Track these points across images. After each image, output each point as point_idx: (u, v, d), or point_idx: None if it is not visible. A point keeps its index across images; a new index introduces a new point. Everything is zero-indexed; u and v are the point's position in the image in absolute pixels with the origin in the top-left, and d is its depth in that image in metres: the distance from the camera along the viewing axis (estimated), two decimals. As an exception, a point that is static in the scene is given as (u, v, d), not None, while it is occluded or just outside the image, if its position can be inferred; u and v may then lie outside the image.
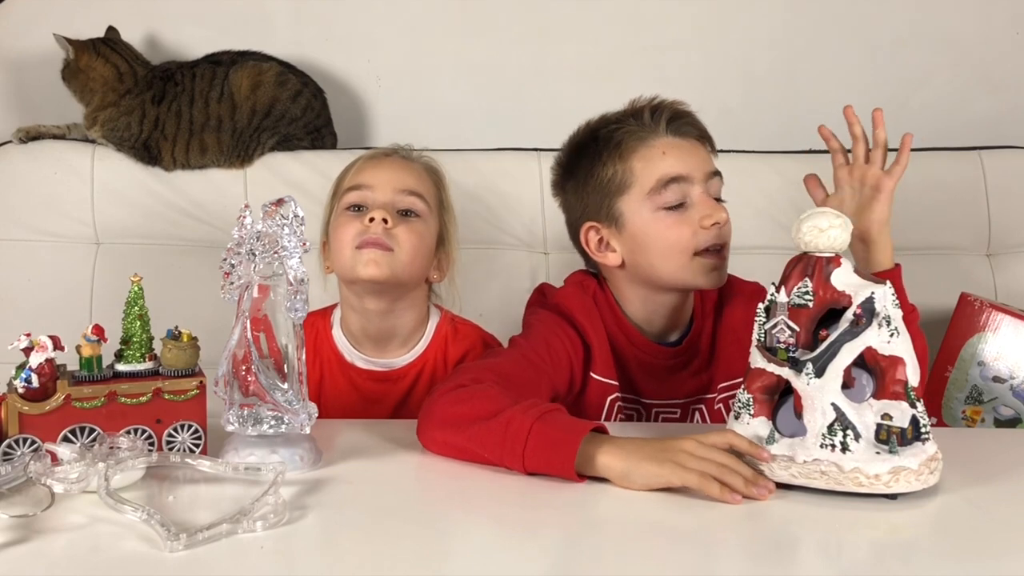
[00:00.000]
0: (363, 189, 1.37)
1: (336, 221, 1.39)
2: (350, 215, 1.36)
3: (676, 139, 1.29)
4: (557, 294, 1.35)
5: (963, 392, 1.58)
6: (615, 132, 1.30)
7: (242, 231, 1.03)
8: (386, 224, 1.32)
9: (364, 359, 1.41)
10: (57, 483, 0.92)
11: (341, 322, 1.43)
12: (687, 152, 1.29)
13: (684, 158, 1.28)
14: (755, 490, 0.96)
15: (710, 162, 1.31)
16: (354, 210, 1.37)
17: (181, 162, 1.77)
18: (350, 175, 1.42)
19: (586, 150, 1.33)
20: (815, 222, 1.00)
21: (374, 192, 1.36)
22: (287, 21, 1.92)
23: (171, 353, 1.05)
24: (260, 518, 0.88)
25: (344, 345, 1.42)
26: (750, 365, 1.03)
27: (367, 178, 1.38)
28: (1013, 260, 1.83)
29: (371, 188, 1.37)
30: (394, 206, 1.36)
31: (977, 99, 1.99)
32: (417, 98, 1.94)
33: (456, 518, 0.95)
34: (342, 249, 1.35)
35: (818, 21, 1.97)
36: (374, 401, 1.40)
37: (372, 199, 1.36)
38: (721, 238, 1.27)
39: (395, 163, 1.42)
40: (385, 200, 1.35)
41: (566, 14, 1.94)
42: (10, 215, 1.75)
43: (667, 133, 1.29)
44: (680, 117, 1.31)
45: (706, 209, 1.26)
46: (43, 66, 1.82)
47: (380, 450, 1.12)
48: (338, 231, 1.37)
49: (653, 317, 1.33)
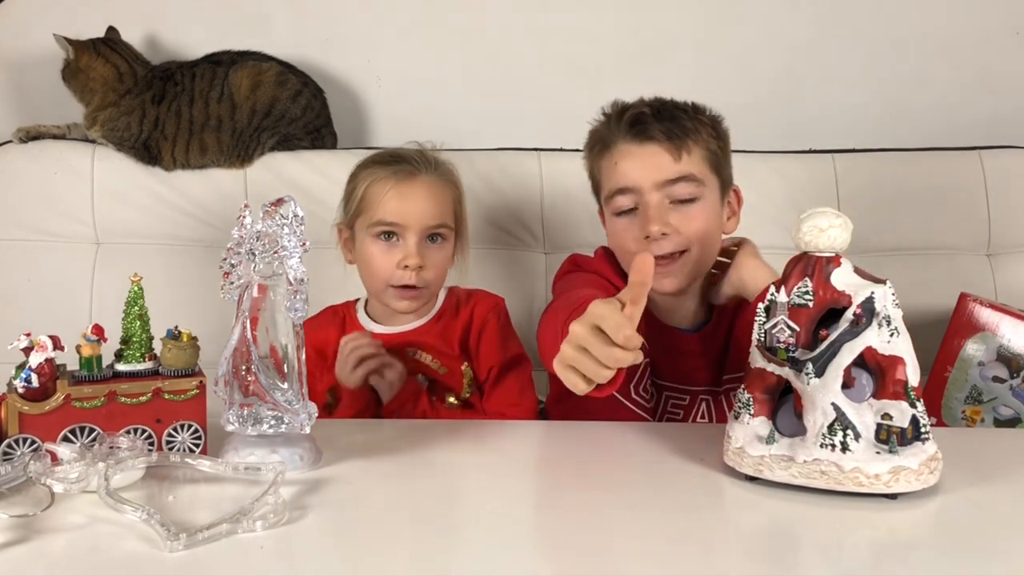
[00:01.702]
0: (396, 226, 1.41)
1: (366, 245, 1.42)
2: (381, 244, 1.42)
3: (634, 145, 1.29)
4: (591, 261, 1.39)
5: (963, 392, 1.58)
6: (591, 134, 1.36)
7: (242, 231, 1.03)
8: (420, 268, 1.39)
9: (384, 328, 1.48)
10: (57, 483, 0.92)
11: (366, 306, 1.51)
12: (641, 160, 1.29)
13: (636, 167, 1.29)
14: (613, 361, 0.90)
15: (669, 168, 1.28)
16: (384, 237, 1.41)
17: (181, 162, 1.77)
18: (378, 204, 1.41)
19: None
20: (815, 222, 1.00)
21: (407, 230, 1.40)
22: (287, 21, 1.92)
23: (171, 353, 1.05)
24: (260, 518, 0.88)
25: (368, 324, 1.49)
26: (750, 365, 1.03)
27: (399, 213, 1.40)
28: (1013, 260, 1.83)
29: (404, 227, 1.40)
30: (424, 236, 1.41)
31: (977, 99, 1.99)
32: (417, 98, 1.95)
33: (456, 518, 0.95)
34: (373, 279, 1.43)
35: (818, 21, 1.97)
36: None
37: (403, 234, 1.41)
38: (662, 249, 1.27)
39: (425, 190, 1.43)
40: (416, 239, 1.40)
41: (566, 14, 1.95)
42: (10, 215, 1.75)
43: (628, 138, 1.29)
44: (641, 121, 1.29)
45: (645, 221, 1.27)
46: (43, 66, 1.83)
47: (380, 450, 1.12)
48: (371, 260, 1.42)
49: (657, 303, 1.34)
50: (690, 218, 1.28)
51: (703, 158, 1.31)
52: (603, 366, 0.90)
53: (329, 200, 1.56)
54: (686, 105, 1.34)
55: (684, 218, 1.28)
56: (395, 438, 1.16)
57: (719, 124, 1.36)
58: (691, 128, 1.30)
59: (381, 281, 1.41)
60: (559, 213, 1.78)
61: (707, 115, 1.35)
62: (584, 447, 1.15)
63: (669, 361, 1.35)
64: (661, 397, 1.36)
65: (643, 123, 1.29)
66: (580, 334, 0.91)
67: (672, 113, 1.31)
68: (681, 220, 1.28)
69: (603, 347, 0.89)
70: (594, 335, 0.90)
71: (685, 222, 1.28)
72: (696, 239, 1.29)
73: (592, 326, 0.90)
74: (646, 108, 1.30)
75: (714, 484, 1.01)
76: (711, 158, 1.32)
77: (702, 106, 1.36)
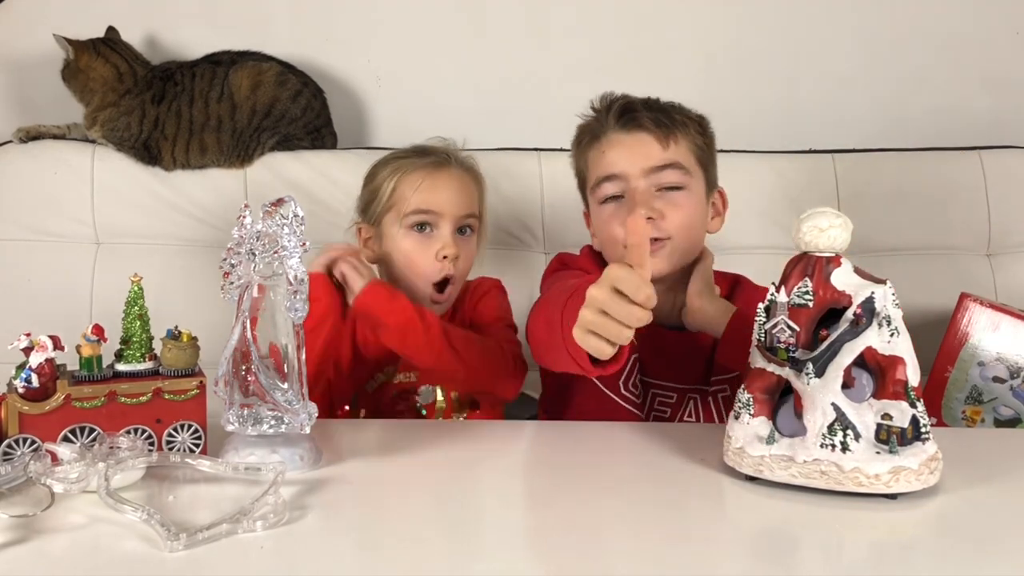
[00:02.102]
0: (431, 214, 1.41)
1: (399, 239, 1.42)
2: (416, 236, 1.41)
3: (622, 134, 1.32)
4: (577, 259, 1.41)
5: (963, 392, 1.58)
6: (579, 128, 1.39)
7: (242, 231, 1.03)
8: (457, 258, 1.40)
9: None
10: (57, 483, 0.92)
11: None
12: (629, 148, 1.31)
13: (624, 154, 1.31)
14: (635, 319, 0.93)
15: (656, 156, 1.30)
16: (418, 228, 1.41)
17: (181, 162, 1.77)
18: (414, 194, 1.41)
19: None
20: (815, 222, 1.00)
21: (442, 219, 1.41)
22: (287, 21, 1.92)
23: (171, 353, 1.05)
24: (260, 518, 0.88)
25: None
26: (750, 365, 1.03)
27: (434, 202, 1.41)
28: (1013, 260, 1.83)
29: (439, 215, 1.41)
30: (456, 225, 1.42)
31: (977, 99, 1.99)
32: (417, 98, 1.95)
33: (456, 518, 0.95)
34: (414, 276, 1.41)
35: (818, 21, 1.97)
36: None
37: (438, 223, 1.41)
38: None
39: (456, 182, 1.44)
40: (451, 230, 1.41)
41: (566, 14, 1.95)
42: (10, 215, 1.75)
43: (616, 128, 1.32)
44: (631, 110, 1.32)
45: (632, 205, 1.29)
46: (43, 66, 1.83)
47: (380, 450, 1.12)
48: (409, 254, 1.41)
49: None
50: (676, 206, 1.30)
51: (689, 150, 1.33)
52: (625, 326, 0.93)
53: (329, 200, 1.56)
54: (673, 104, 1.37)
55: (670, 205, 1.29)
56: (395, 438, 1.16)
57: (705, 124, 1.38)
58: (679, 120, 1.33)
59: (422, 278, 1.40)
60: (559, 213, 1.78)
61: (693, 115, 1.37)
62: (583, 447, 1.15)
63: (656, 358, 1.35)
64: (648, 395, 1.36)
65: (632, 111, 1.31)
66: (599, 297, 0.93)
67: (660, 106, 1.34)
68: (666, 207, 1.29)
69: (624, 306, 0.92)
70: (613, 296, 0.92)
71: (670, 209, 1.29)
72: (679, 229, 1.30)
73: (611, 288, 0.92)
74: (634, 99, 1.34)
75: (714, 484, 1.01)
76: (697, 152, 1.34)
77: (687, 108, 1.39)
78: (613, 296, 0.92)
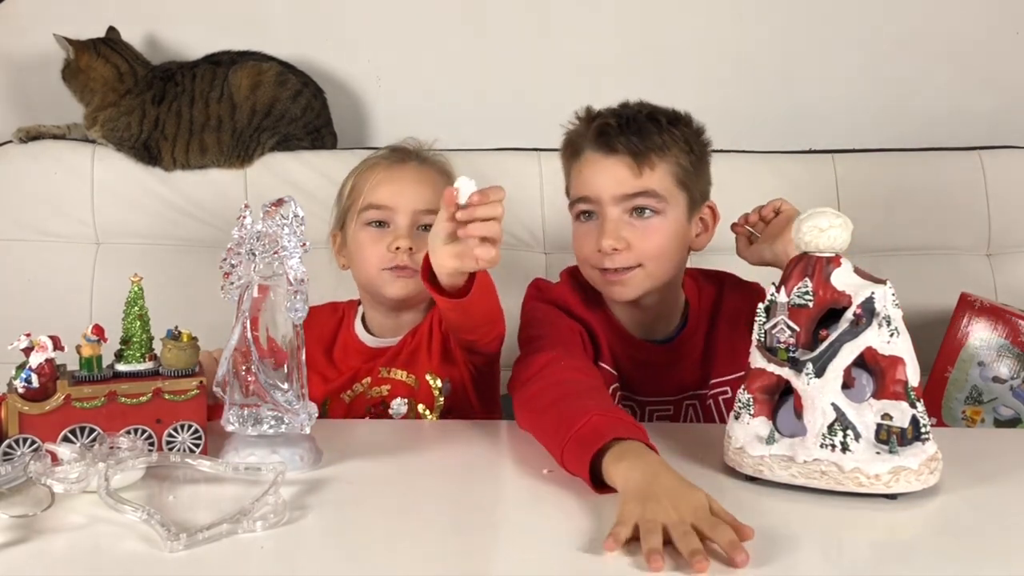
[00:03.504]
0: (384, 210, 1.39)
1: (357, 235, 1.41)
2: (372, 232, 1.39)
3: (598, 155, 1.28)
4: (553, 289, 1.36)
5: (963, 392, 1.58)
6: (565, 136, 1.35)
7: (242, 231, 1.03)
8: (411, 250, 1.36)
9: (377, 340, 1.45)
10: (57, 483, 0.92)
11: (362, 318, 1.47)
12: (603, 172, 1.27)
13: (598, 178, 1.27)
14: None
15: (628, 184, 1.26)
16: (375, 225, 1.39)
17: (181, 162, 1.77)
18: (368, 189, 1.41)
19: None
20: (815, 222, 1.00)
21: (395, 213, 1.38)
22: (287, 21, 1.92)
23: (171, 353, 1.05)
24: (260, 518, 0.88)
25: (362, 334, 1.46)
26: (750, 365, 1.03)
27: (387, 198, 1.39)
28: (1013, 260, 1.83)
29: (392, 210, 1.38)
30: (415, 223, 1.38)
31: (977, 99, 1.99)
32: (417, 98, 1.94)
33: (455, 518, 0.95)
34: (366, 267, 1.39)
35: (818, 21, 1.97)
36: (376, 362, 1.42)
37: (393, 219, 1.38)
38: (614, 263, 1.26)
39: (413, 176, 1.41)
40: (407, 223, 1.38)
41: (566, 14, 1.94)
42: (10, 215, 1.75)
43: (594, 147, 1.28)
44: (606, 132, 1.27)
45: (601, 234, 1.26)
46: (43, 66, 1.83)
47: (380, 450, 1.12)
48: (362, 249, 1.40)
49: (631, 314, 1.34)
50: (647, 234, 1.27)
51: (669, 173, 1.28)
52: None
53: (329, 200, 1.55)
54: (663, 115, 1.30)
55: (640, 234, 1.26)
56: (395, 438, 1.17)
57: (697, 137, 1.32)
58: (658, 144, 1.27)
59: (372, 267, 1.37)
60: (559, 213, 1.77)
61: (684, 128, 1.30)
62: (584, 447, 1.15)
63: (646, 375, 1.33)
64: (644, 412, 1.35)
65: (607, 135, 1.27)
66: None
67: (641, 126, 1.27)
68: (637, 235, 1.26)
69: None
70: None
71: (641, 238, 1.26)
72: (651, 256, 1.27)
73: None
74: (612, 120, 1.28)
75: (714, 484, 1.01)
76: (679, 174, 1.29)
77: (683, 116, 1.33)
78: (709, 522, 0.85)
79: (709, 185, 1.36)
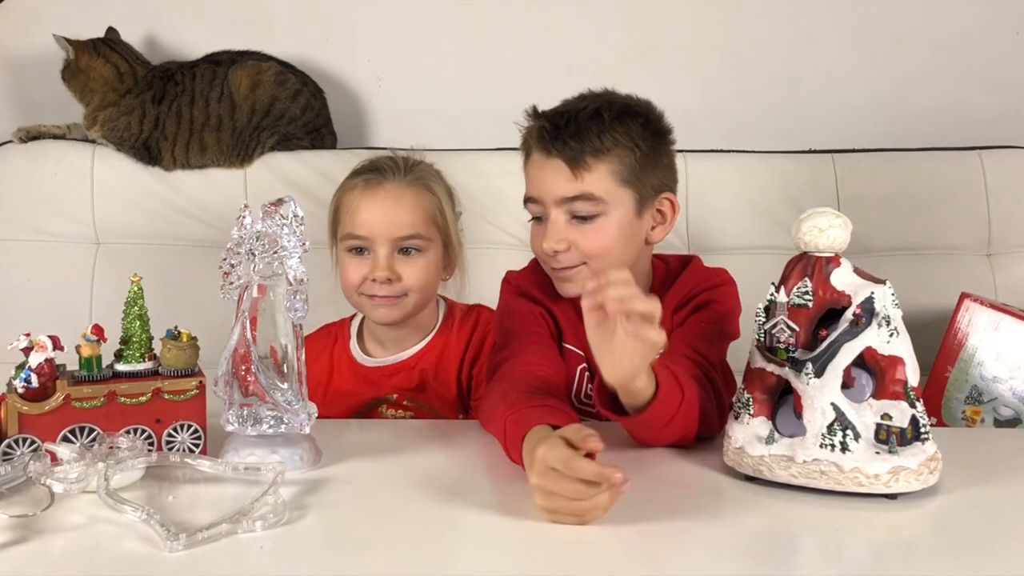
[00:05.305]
0: (361, 239, 1.38)
1: (341, 257, 1.42)
2: (353, 258, 1.39)
3: (542, 156, 1.27)
4: (519, 277, 1.38)
5: (963, 392, 1.58)
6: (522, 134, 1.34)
7: (242, 231, 1.03)
8: (389, 281, 1.36)
9: (375, 360, 1.44)
10: (57, 483, 0.92)
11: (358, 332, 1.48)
12: (544, 174, 1.27)
13: (540, 180, 1.27)
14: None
15: (566, 187, 1.25)
16: (355, 252, 1.39)
17: (181, 162, 1.77)
18: (346, 217, 1.39)
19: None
20: (815, 222, 1.00)
21: (374, 242, 1.37)
22: (287, 21, 1.92)
23: (171, 353, 1.05)
24: (260, 518, 0.88)
25: (357, 352, 1.46)
26: (750, 365, 1.03)
27: (364, 227, 1.37)
28: (1013, 260, 1.83)
29: (369, 240, 1.37)
30: (395, 249, 1.38)
31: (977, 99, 1.99)
32: (417, 98, 1.94)
33: (456, 518, 0.95)
34: (349, 291, 1.41)
35: (817, 21, 1.97)
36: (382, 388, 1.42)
37: (372, 247, 1.38)
38: (559, 263, 1.26)
39: (391, 201, 1.39)
40: (386, 251, 1.37)
41: (566, 14, 1.94)
42: (10, 215, 1.75)
43: (537, 148, 1.28)
44: (544, 136, 1.26)
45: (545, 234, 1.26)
46: (43, 66, 1.83)
47: (380, 450, 1.12)
48: (345, 273, 1.40)
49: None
50: (588, 234, 1.25)
51: (610, 173, 1.25)
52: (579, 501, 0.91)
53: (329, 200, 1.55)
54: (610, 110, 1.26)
55: (583, 234, 1.25)
56: (395, 438, 1.16)
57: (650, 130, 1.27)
58: (595, 147, 1.24)
59: (351, 291, 1.39)
60: (559, 213, 1.78)
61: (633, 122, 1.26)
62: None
63: None
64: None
65: (543, 139, 1.26)
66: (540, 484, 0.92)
67: (580, 127, 1.25)
68: (580, 235, 1.25)
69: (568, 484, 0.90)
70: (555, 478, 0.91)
71: (583, 238, 1.25)
72: (594, 255, 1.26)
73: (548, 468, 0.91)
74: (549, 123, 1.27)
75: (714, 484, 1.01)
76: (623, 172, 1.25)
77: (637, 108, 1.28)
78: (554, 478, 0.91)
79: (669, 175, 1.31)
